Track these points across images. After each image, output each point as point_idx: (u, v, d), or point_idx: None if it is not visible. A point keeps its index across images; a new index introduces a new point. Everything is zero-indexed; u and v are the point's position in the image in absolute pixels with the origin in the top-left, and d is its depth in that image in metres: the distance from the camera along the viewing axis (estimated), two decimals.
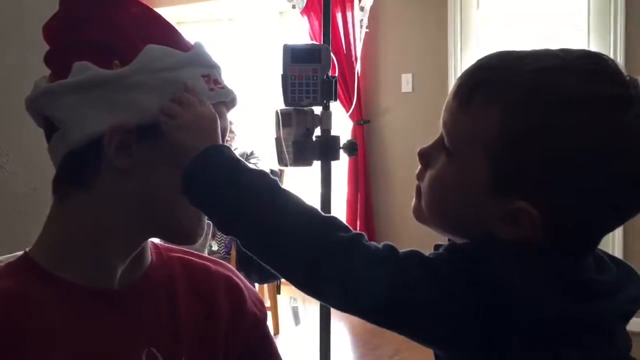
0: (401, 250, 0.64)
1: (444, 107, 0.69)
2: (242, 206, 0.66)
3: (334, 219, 0.67)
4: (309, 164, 1.79)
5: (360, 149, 4.22)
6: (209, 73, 0.75)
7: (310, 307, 2.66)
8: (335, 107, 4.49)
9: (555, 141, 0.60)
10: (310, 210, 0.66)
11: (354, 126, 4.23)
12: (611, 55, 3.40)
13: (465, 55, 3.92)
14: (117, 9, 0.72)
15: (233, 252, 3.37)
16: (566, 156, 0.60)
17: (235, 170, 0.67)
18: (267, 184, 0.67)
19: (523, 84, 0.62)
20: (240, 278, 0.87)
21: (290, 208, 0.66)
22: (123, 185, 0.70)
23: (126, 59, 0.69)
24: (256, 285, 3.63)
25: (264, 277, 3.40)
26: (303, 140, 1.77)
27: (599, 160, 0.59)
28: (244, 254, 2.69)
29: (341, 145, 1.82)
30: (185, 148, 0.68)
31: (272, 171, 3.46)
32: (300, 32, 4.37)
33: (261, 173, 0.68)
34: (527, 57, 0.66)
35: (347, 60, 4.14)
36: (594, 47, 3.51)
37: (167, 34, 0.74)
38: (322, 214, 0.67)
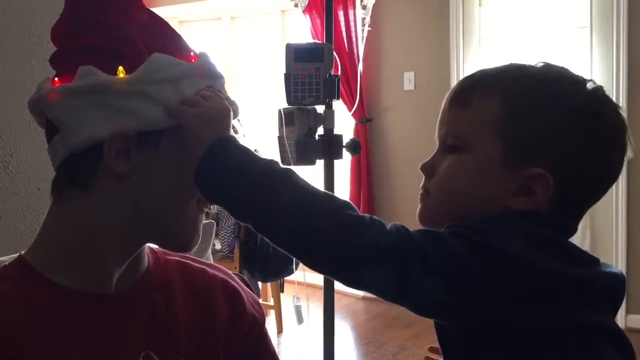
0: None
1: (439, 120, 0.76)
2: (261, 189, 0.67)
3: (342, 201, 0.69)
4: (312, 162, 1.79)
5: (363, 147, 4.21)
6: (212, 84, 0.75)
7: (314, 306, 2.66)
8: (338, 105, 4.50)
9: (548, 109, 0.71)
10: (325, 194, 0.69)
11: (357, 124, 4.23)
12: (614, 53, 3.40)
13: (467, 53, 3.91)
14: (124, 16, 0.72)
15: (236, 251, 3.38)
16: (556, 120, 0.70)
17: (250, 157, 0.69)
18: (282, 168, 0.69)
19: (511, 76, 0.74)
20: (237, 282, 0.87)
21: (307, 190, 0.68)
22: (121, 189, 0.71)
23: (131, 66, 0.70)
24: (260, 284, 3.64)
25: (267, 276, 3.41)
26: (306, 139, 1.77)
27: (582, 119, 0.71)
28: (248, 253, 2.71)
29: (344, 144, 1.83)
30: (201, 136, 0.69)
31: None
32: (303, 30, 4.37)
33: (274, 161, 0.70)
34: (505, 65, 0.76)
35: (349, 59, 4.14)
36: (596, 45, 3.50)
37: (173, 43, 0.75)
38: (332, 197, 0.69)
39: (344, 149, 1.82)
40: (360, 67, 3.86)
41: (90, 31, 0.72)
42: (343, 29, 4.14)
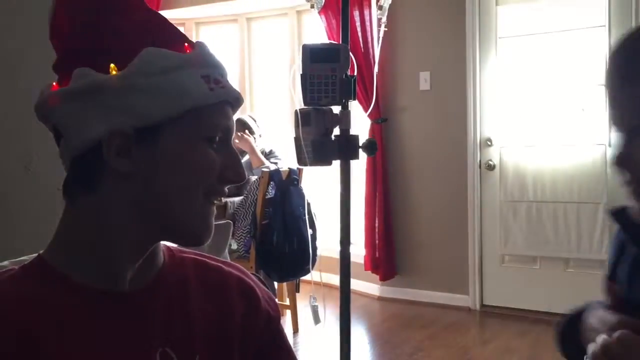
0: None
1: (612, 104, 0.69)
2: None
3: None
4: (329, 163, 1.79)
5: (379, 148, 4.20)
6: (209, 73, 0.74)
7: (330, 306, 2.65)
8: (354, 105, 4.48)
9: None
10: None
11: (372, 125, 4.22)
12: None
13: (484, 52, 3.89)
14: (121, 16, 0.73)
15: (252, 251, 3.39)
16: None
17: None
18: None
19: None
20: (253, 279, 0.87)
21: None
22: (126, 188, 0.71)
23: (124, 63, 0.70)
24: (275, 284, 3.65)
25: (283, 276, 3.42)
26: (322, 140, 1.77)
27: None
28: (264, 253, 2.72)
29: (360, 145, 1.83)
30: None
31: (291, 170, 3.48)
32: (318, 31, 4.37)
33: None
34: None
35: (365, 59, 4.13)
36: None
37: (166, 36, 0.74)
38: None
39: (360, 150, 1.82)
40: (376, 68, 3.85)
41: (86, 33, 0.72)
42: (359, 29, 4.14)
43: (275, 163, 3.81)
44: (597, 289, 3.66)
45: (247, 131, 3.89)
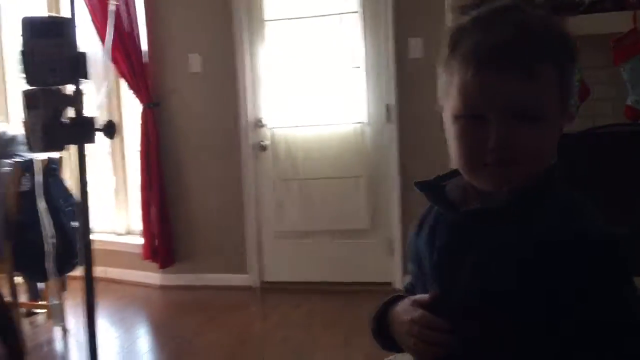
0: None
1: (487, 87, 0.76)
2: None
3: None
4: (60, 148, 1.67)
5: (152, 133, 4.06)
6: None
7: (105, 301, 2.50)
8: (124, 90, 4.25)
9: (575, 56, 0.82)
10: None
11: (145, 109, 4.06)
12: (382, 36, 3.62)
13: (252, 35, 3.94)
14: None
15: (8, 251, 3.06)
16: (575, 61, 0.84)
17: None
18: None
19: (554, 34, 0.80)
20: None
21: None
22: None
23: None
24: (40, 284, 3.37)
25: (46, 275, 3.15)
26: (53, 123, 1.64)
27: None
28: (21, 252, 2.47)
29: (99, 127, 1.72)
30: None
31: (49, 159, 3.19)
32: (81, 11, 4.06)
33: None
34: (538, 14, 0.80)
35: (130, 40, 3.95)
36: (367, 28, 3.74)
37: None
38: None
39: (99, 132, 1.72)
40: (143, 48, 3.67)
41: None
42: (123, 8, 3.93)
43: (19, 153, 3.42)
44: (361, 256, 3.98)
45: None
